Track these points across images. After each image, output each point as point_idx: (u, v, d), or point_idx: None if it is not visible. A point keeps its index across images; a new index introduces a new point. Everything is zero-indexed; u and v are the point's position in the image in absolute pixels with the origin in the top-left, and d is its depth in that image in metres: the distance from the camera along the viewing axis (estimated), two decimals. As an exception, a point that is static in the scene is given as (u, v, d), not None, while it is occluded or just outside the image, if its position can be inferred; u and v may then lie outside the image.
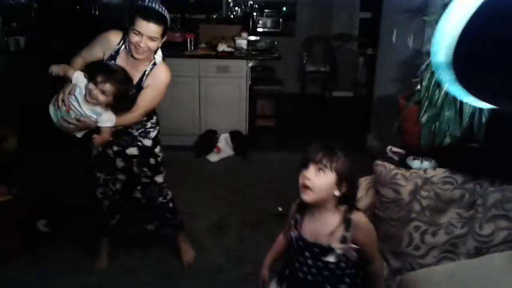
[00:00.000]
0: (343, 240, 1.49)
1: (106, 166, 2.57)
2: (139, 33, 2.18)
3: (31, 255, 2.88)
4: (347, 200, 1.51)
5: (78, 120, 2.26)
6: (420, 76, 2.45)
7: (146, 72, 2.37)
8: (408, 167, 2.14)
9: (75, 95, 2.22)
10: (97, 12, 6.30)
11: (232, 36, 5.14)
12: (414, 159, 2.19)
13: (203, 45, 5.13)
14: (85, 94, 2.22)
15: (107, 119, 2.27)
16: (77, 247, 2.98)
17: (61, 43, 5.43)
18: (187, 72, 4.79)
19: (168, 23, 2.30)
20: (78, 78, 2.24)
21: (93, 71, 2.24)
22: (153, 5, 2.25)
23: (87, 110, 2.25)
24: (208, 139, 4.82)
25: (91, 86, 2.20)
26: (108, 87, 2.19)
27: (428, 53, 2.69)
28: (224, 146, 4.79)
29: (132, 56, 2.28)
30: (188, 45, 4.95)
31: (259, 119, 5.25)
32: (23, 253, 2.87)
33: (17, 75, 4.61)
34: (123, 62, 2.34)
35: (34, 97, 4.66)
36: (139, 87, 2.36)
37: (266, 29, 7.20)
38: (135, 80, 2.35)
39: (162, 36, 2.27)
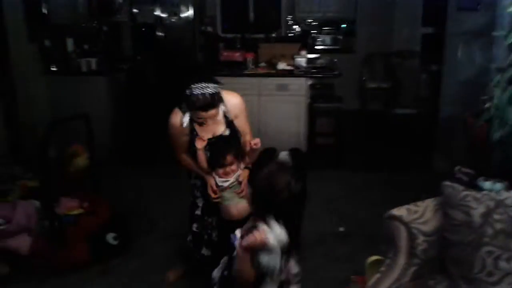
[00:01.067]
0: None
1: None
2: (201, 118, 2.37)
3: (101, 267, 3.00)
4: None
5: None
6: (489, 94, 2.36)
7: (224, 113, 2.51)
8: (479, 189, 2.05)
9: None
10: (161, 33, 6.59)
11: (292, 54, 5.18)
12: (485, 180, 2.09)
13: (262, 64, 5.21)
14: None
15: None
16: (144, 262, 3.08)
17: (130, 63, 5.73)
18: (246, 90, 4.86)
19: (217, 94, 2.36)
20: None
21: (212, 163, 2.47)
22: (203, 91, 2.30)
23: (227, 183, 2.48)
24: (267, 157, 4.84)
25: (221, 171, 2.43)
26: (230, 159, 2.41)
27: (497, 70, 2.60)
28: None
29: None
30: (248, 64, 5.05)
31: (319, 137, 5.21)
32: (93, 265, 3.01)
33: (87, 94, 4.87)
34: (203, 128, 2.49)
35: (103, 114, 4.93)
36: (230, 124, 2.53)
37: (325, 47, 7.18)
38: (223, 125, 2.51)
39: (219, 100, 2.40)
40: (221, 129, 2.51)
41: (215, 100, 2.34)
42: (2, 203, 3.08)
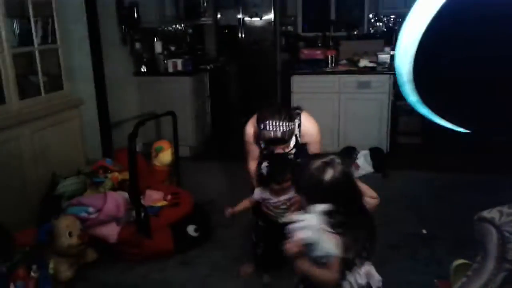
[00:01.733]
0: None
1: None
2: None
3: (182, 257, 3.13)
4: None
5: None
6: None
7: (296, 133, 2.52)
8: None
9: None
10: (243, 35, 6.72)
11: (374, 51, 5.05)
12: None
13: (344, 61, 5.12)
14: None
15: None
16: (223, 254, 3.16)
17: (213, 64, 5.91)
18: (327, 88, 4.83)
19: (288, 132, 2.34)
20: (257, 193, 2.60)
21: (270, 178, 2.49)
22: (275, 130, 2.31)
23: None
24: (347, 156, 4.76)
25: (276, 187, 2.49)
26: (288, 178, 2.44)
27: None
28: (363, 163, 4.68)
29: None
30: (329, 61, 4.99)
31: (402, 136, 5.02)
32: (175, 255, 3.13)
33: (173, 93, 5.10)
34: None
35: (188, 112, 5.13)
36: (298, 145, 2.57)
37: (410, 43, 6.89)
38: (291, 146, 2.53)
39: (290, 137, 2.41)
40: (288, 148, 2.54)
41: (285, 138, 2.35)
42: (94, 194, 3.31)
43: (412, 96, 0.54)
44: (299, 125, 2.54)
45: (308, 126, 2.56)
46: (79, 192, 3.39)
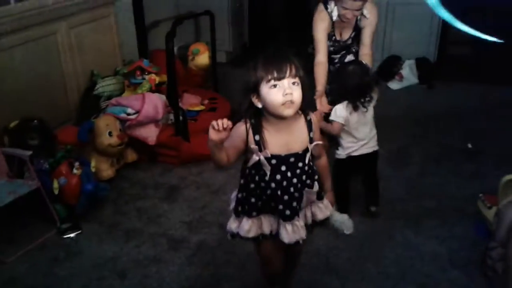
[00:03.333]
0: (311, 140, 1.55)
1: None
2: (347, 9, 2.44)
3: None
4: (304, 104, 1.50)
5: None
6: None
7: (358, 19, 2.56)
8: None
9: None
10: None
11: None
12: None
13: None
14: None
15: None
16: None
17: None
18: (374, -9, 4.47)
19: None
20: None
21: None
22: None
23: None
24: (391, 65, 4.52)
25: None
26: None
27: None
28: (408, 74, 4.46)
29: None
30: (379, -39, 4.57)
31: (452, 46, 4.70)
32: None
33: None
34: (338, 26, 2.60)
35: (226, 14, 4.88)
36: (358, 31, 2.61)
37: None
38: (352, 29, 2.62)
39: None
40: (349, 33, 2.63)
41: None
42: (132, 95, 3.27)
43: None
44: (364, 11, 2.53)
45: (370, 7, 2.53)
46: (117, 92, 3.36)
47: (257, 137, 1.49)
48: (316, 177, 1.62)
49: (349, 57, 2.69)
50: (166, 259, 2.26)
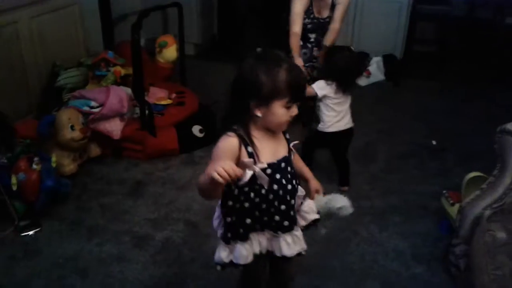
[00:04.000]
0: (288, 141, 1.46)
1: None
2: None
3: (187, 157, 3.08)
4: None
5: None
6: None
7: None
8: None
9: None
10: None
11: None
12: None
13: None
14: None
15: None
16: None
17: None
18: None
19: None
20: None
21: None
22: None
23: None
24: (359, 61, 4.55)
25: None
26: None
27: None
28: (375, 70, 4.51)
29: None
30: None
31: (418, 44, 4.78)
32: (180, 155, 3.09)
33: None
34: (316, 4, 2.95)
35: (195, 5, 4.81)
36: (333, 9, 2.98)
37: None
38: (329, 8, 2.98)
39: None
40: (327, 10, 2.99)
41: None
42: (96, 87, 3.18)
43: None
44: None
45: None
46: (81, 85, 3.25)
47: (249, 149, 1.31)
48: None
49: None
50: (129, 257, 2.21)
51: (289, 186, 1.41)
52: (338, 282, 2.10)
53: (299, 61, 2.78)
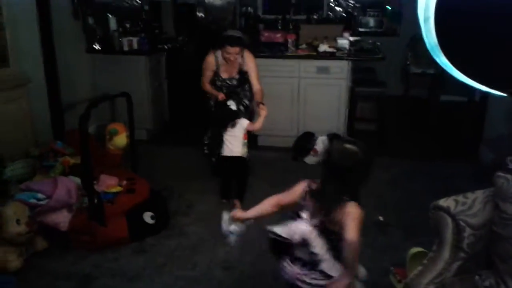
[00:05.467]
0: None
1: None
2: (229, 53, 3.58)
3: (138, 245, 3.04)
4: None
5: None
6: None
7: (240, 63, 3.73)
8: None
9: None
10: (202, 14, 6.55)
11: (334, 36, 5.04)
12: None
13: (304, 45, 5.09)
14: None
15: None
16: (179, 242, 3.09)
17: (171, 43, 5.73)
18: (286, 72, 4.78)
19: (242, 39, 3.69)
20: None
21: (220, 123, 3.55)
22: (233, 33, 3.76)
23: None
24: (305, 141, 4.76)
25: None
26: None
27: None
28: (322, 149, 4.70)
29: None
30: (289, 45, 4.94)
31: (359, 122, 5.08)
32: (131, 243, 3.04)
33: (128, 73, 4.91)
34: (224, 67, 3.76)
35: (144, 94, 4.96)
36: (242, 73, 3.77)
37: (368, 29, 6.97)
38: (237, 71, 3.77)
39: (243, 48, 3.69)
40: (235, 72, 3.75)
41: (240, 41, 3.61)
42: (44, 179, 3.14)
43: (441, 57, 0.50)
44: (243, 57, 3.73)
45: (246, 53, 3.75)
46: (28, 176, 3.21)
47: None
48: None
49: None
50: None
51: None
52: None
53: (221, 95, 3.61)
